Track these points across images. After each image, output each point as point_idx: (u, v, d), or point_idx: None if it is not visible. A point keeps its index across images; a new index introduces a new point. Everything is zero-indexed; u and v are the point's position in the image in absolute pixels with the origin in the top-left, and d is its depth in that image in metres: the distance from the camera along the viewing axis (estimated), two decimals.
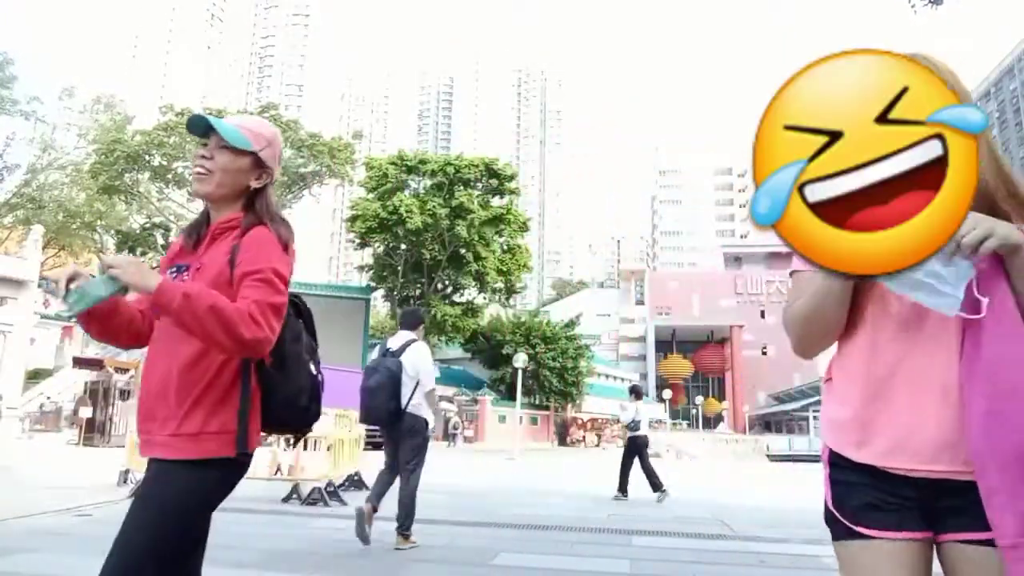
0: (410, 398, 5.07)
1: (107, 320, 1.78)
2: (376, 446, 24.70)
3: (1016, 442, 1.12)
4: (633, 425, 10.33)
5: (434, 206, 35.80)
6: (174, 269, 1.81)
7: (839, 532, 1.31)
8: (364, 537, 4.92)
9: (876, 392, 1.29)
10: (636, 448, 10.25)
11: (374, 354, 5.72)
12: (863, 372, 1.32)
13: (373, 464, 13.93)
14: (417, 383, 5.09)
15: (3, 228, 36.30)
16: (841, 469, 1.33)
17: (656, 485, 9.75)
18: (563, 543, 5.70)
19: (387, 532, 6.03)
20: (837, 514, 1.31)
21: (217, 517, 1.76)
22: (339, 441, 8.40)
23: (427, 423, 5.16)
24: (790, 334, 1.38)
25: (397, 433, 5.12)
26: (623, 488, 9.69)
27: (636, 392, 10.81)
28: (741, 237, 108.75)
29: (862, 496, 1.28)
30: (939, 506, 1.24)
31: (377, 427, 5.60)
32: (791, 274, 1.42)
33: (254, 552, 4.75)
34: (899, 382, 1.27)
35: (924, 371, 1.26)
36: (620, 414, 10.77)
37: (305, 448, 8.33)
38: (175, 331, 1.64)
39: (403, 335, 5.40)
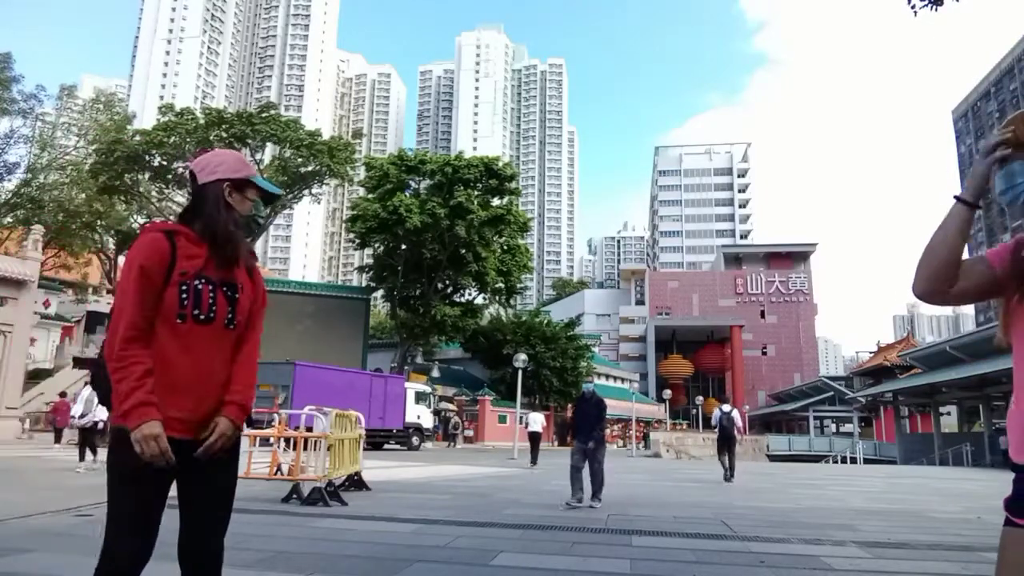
0: (734, 430, 13.96)
1: None
2: (376, 446, 24.64)
3: None
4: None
5: (434, 206, 35.69)
6: (226, 288, 2.04)
7: (1007, 521, 1.47)
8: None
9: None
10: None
11: (715, 413, 14.34)
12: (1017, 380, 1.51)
13: (373, 464, 13.93)
14: (735, 425, 13.93)
15: (3, 228, 36.21)
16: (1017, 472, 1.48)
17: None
18: (563, 543, 5.69)
19: (388, 533, 6.02)
20: (1004, 507, 1.48)
21: None
22: (339, 441, 8.37)
23: (740, 439, 14.03)
24: (917, 269, 1.57)
25: (731, 444, 13.98)
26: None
27: None
28: (741, 237, 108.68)
29: (1018, 489, 1.45)
30: None
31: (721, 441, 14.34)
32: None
33: (254, 552, 4.73)
34: None
35: None
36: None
37: (305, 448, 8.31)
38: (220, 337, 2.03)
39: (727, 406, 14.12)
